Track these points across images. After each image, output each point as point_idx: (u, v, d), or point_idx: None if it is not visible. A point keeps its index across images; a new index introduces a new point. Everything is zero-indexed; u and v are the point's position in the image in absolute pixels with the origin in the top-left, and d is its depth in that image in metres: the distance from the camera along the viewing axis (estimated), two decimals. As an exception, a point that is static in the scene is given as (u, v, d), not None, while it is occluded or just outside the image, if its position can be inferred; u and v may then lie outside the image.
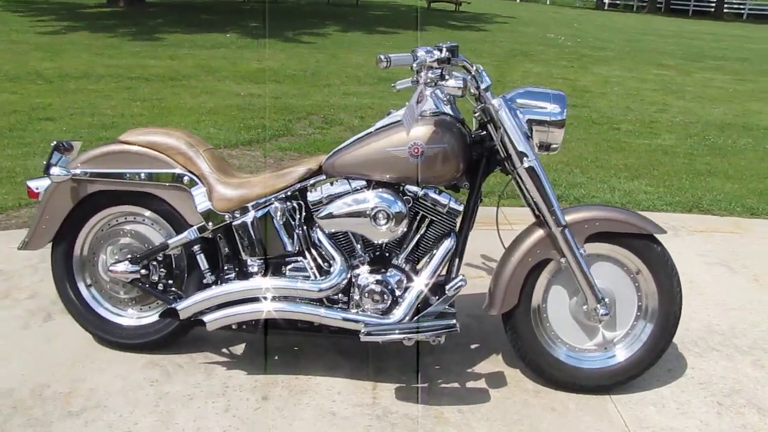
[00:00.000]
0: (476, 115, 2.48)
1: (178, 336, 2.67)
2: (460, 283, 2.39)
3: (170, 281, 2.61)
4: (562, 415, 2.47)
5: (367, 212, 2.33)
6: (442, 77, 2.28)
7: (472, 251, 2.75)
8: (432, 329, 2.36)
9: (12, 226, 3.94)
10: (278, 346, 2.79)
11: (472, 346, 2.89)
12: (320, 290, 2.40)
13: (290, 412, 2.39)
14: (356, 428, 2.33)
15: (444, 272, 2.48)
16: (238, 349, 2.78)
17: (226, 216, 2.47)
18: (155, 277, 2.60)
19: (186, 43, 11.91)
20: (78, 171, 2.51)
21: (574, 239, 2.42)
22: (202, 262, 2.52)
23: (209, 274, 2.53)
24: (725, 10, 37.48)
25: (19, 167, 4.92)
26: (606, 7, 39.10)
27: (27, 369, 2.56)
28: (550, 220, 2.41)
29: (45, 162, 2.60)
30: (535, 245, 2.47)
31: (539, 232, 2.48)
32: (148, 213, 2.60)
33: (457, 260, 2.48)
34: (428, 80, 2.24)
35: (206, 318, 2.44)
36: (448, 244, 2.45)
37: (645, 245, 2.51)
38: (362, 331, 2.35)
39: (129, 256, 2.59)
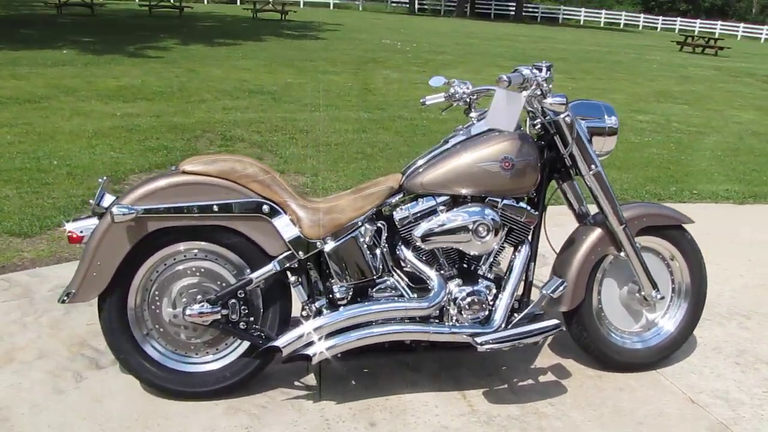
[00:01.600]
0: (536, 126, 2.62)
1: (254, 376, 2.52)
2: (562, 286, 2.52)
3: (251, 318, 2.46)
4: (632, 393, 2.71)
5: (470, 227, 2.39)
6: (543, 95, 2.40)
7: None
8: (541, 331, 2.47)
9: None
10: (348, 370, 2.73)
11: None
12: (428, 307, 2.41)
13: (404, 433, 2.38)
14: (474, 437, 2.38)
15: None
16: (309, 380, 2.68)
17: (318, 243, 2.39)
18: (235, 316, 2.43)
19: (22, 60, 10.76)
20: (141, 207, 2.28)
21: (632, 234, 2.66)
22: (300, 294, 2.41)
23: (307, 305, 2.42)
24: (523, 14, 41.11)
25: None
26: (417, 12, 41.18)
27: (98, 436, 2.29)
28: (613, 218, 2.63)
29: (92, 201, 2.34)
30: (596, 243, 2.68)
31: (597, 231, 2.69)
32: (216, 248, 2.42)
33: (533, 264, 2.61)
34: (533, 96, 2.35)
35: (311, 350, 2.34)
36: (525, 250, 2.57)
37: (678, 234, 2.83)
38: (477, 341, 2.40)
39: (203, 296, 2.40)
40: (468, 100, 2.72)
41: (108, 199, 2.35)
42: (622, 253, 2.69)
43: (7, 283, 3.38)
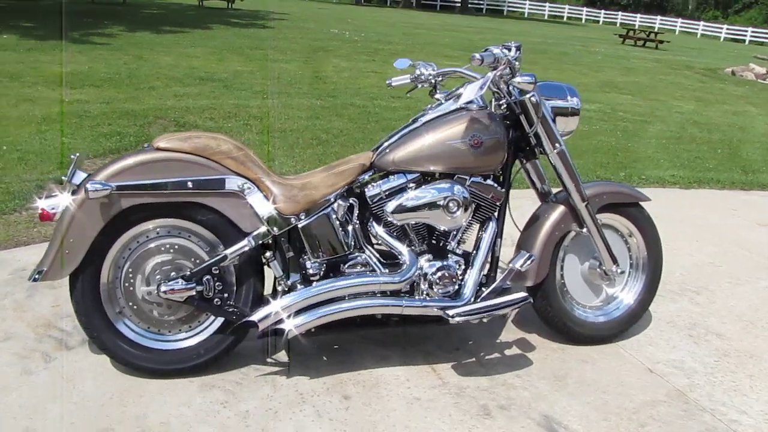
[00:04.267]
0: (502, 106, 2.70)
1: (228, 353, 2.53)
2: (530, 259, 2.61)
3: (225, 294, 2.47)
4: (595, 364, 2.83)
5: (440, 202, 2.45)
6: (512, 74, 2.47)
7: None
8: (510, 304, 2.55)
9: None
10: (320, 346, 2.77)
11: (484, 320, 3.12)
12: (399, 282, 2.46)
13: (379, 405, 2.43)
14: (447, 407, 2.45)
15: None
16: (281, 356, 2.71)
17: (292, 219, 2.41)
18: (210, 293, 2.43)
19: (-42, 45, 10.34)
20: (116, 184, 2.26)
21: (593, 212, 2.77)
22: (276, 268, 2.43)
23: (281, 280, 2.44)
24: (469, 5, 41.53)
25: None
26: (363, 2, 41.12)
27: (74, 416, 2.26)
28: (576, 195, 2.73)
29: (65, 178, 2.31)
30: (560, 220, 2.78)
31: (560, 208, 2.79)
32: (189, 225, 2.42)
33: (499, 240, 2.70)
34: (502, 75, 2.42)
35: (287, 325, 2.36)
36: (492, 226, 2.65)
37: (636, 212, 2.96)
38: (449, 314, 2.46)
39: (178, 273, 2.40)
40: (433, 81, 2.79)
41: (80, 176, 2.32)
42: (584, 230, 2.80)
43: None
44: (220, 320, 2.49)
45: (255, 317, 2.36)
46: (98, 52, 11.08)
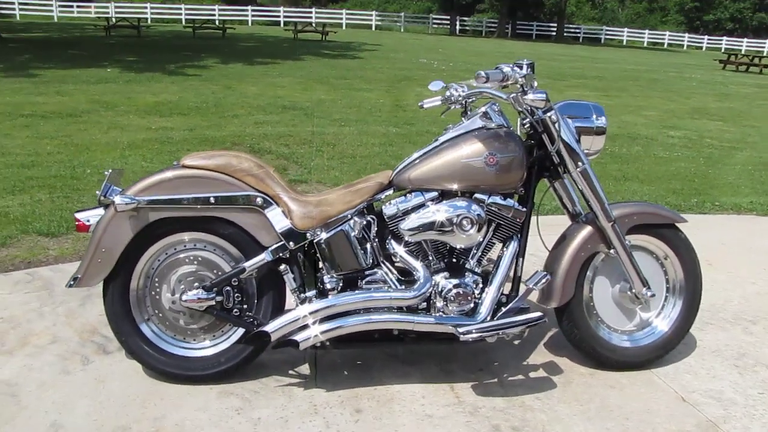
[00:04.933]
0: (526, 126, 2.69)
1: (248, 362, 2.63)
2: (545, 278, 2.57)
3: (245, 306, 2.58)
4: (622, 390, 2.72)
5: (454, 220, 2.46)
6: (523, 91, 2.48)
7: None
8: (524, 323, 2.52)
9: (-15, 273, 3.63)
10: (343, 361, 2.82)
11: (516, 342, 3.08)
12: (412, 297, 2.49)
13: (389, 420, 2.45)
14: (457, 426, 2.43)
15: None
16: (304, 369, 2.78)
17: (308, 234, 2.50)
18: (229, 303, 2.55)
19: (68, 78, 11.26)
20: (143, 198, 2.42)
21: (621, 232, 2.70)
22: (289, 281, 2.52)
23: (295, 293, 2.53)
24: (565, 34, 41.03)
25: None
26: (458, 33, 41.47)
27: (97, 414, 2.41)
28: (602, 215, 2.67)
29: (99, 192, 2.49)
30: (586, 241, 2.72)
31: (587, 229, 2.73)
32: (213, 238, 2.55)
33: (521, 260, 2.67)
34: (515, 93, 2.44)
35: (299, 337, 2.44)
36: (513, 245, 2.63)
37: (671, 233, 2.84)
38: (460, 331, 2.46)
39: (200, 283, 2.53)
40: (464, 102, 2.81)
41: (113, 191, 2.50)
42: (612, 251, 2.73)
43: (31, 276, 3.58)
44: (240, 330, 2.59)
45: (268, 328, 2.45)
46: (190, 82, 11.78)
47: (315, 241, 2.51)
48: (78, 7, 33.61)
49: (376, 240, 2.60)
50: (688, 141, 8.96)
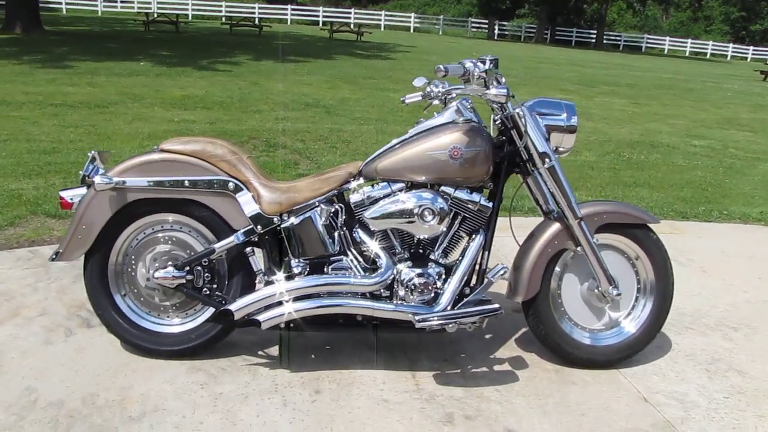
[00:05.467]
0: (497, 122, 2.74)
1: (218, 340, 2.73)
2: (501, 271, 2.62)
3: (214, 285, 2.68)
4: (584, 387, 2.75)
5: (415, 210, 2.53)
6: (486, 86, 2.53)
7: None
8: (479, 313, 2.58)
9: (-8, 249, 3.81)
10: (311, 346, 2.91)
11: (487, 336, 3.13)
12: (370, 284, 2.56)
13: (345, 401, 2.53)
14: (412, 411, 2.49)
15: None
16: (273, 350, 2.87)
17: (275, 219, 2.59)
18: (200, 282, 2.66)
19: (101, 70, 11.60)
20: (120, 179, 2.55)
21: (589, 230, 2.73)
22: (254, 263, 2.62)
23: (262, 275, 2.62)
24: (604, 41, 40.55)
25: (-26, 192, 4.72)
26: (496, 38, 41.30)
27: (70, 381, 2.54)
28: (569, 213, 2.70)
29: (81, 172, 2.62)
30: (553, 237, 2.75)
31: (556, 225, 2.76)
32: (187, 220, 2.66)
33: (486, 253, 2.72)
34: (477, 87, 2.49)
35: (261, 317, 2.53)
36: (479, 239, 2.68)
37: (643, 234, 2.86)
38: (416, 319, 2.53)
39: (172, 262, 2.64)
40: (444, 98, 2.87)
41: (96, 171, 2.63)
42: (579, 248, 2.76)
43: (32, 254, 3.75)
44: (211, 309, 2.70)
45: (232, 307, 2.55)
46: (219, 78, 12.01)
47: (282, 226, 2.60)
48: (122, 2, 34.46)
49: (345, 228, 2.67)
50: (710, 150, 8.83)
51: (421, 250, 2.71)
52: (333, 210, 2.64)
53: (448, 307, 2.60)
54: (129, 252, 2.68)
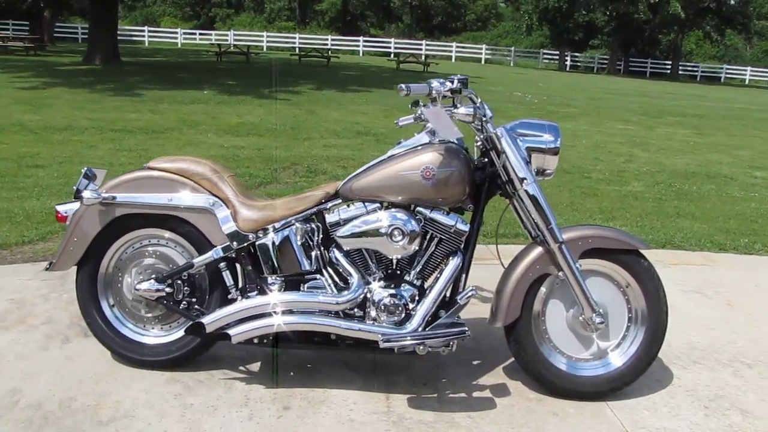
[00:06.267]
0: (478, 144, 2.73)
1: (198, 353, 2.79)
2: (470, 293, 2.59)
3: (193, 299, 2.76)
4: (564, 419, 2.65)
5: (384, 230, 2.54)
6: (454, 105, 2.53)
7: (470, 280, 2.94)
8: (445, 336, 2.54)
9: (18, 260, 4.04)
10: (293, 363, 2.93)
11: (474, 362, 3.07)
12: (338, 303, 2.58)
13: (311, 419, 2.53)
14: (374, 432, 2.47)
15: (452, 287, 2.68)
16: (255, 366, 2.91)
17: (250, 236, 2.65)
18: (179, 296, 2.74)
19: (165, 98, 12.16)
20: (107, 195, 2.67)
21: (570, 254, 2.65)
22: (227, 279, 2.68)
23: (233, 290, 2.68)
24: (680, 72, 39.42)
25: (16, 208, 5.02)
26: (568, 69, 40.81)
27: (53, 385, 2.66)
28: (549, 236, 2.64)
29: (75, 187, 2.76)
30: (534, 261, 2.69)
31: (538, 249, 2.70)
32: (171, 235, 2.76)
33: (464, 276, 2.69)
34: (446, 107, 2.50)
35: (231, 331, 2.58)
36: (455, 261, 2.66)
37: (633, 260, 2.76)
38: (381, 339, 2.52)
39: (154, 275, 2.73)
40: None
41: (89, 187, 2.77)
42: (561, 273, 2.69)
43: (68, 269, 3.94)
44: (189, 322, 2.77)
45: (204, 320, 2.61)
46: (277, 106, 12.37)
47: (257, 243, 2.65)
48: (200, 34, 36.10)
49: (321, 247, 2.70)
50: (772, 183, 8.40)
51: (398, 271, 2.70)
52: (309, 229, 2.68)
53: (420, 329, 2.58)
54: (117, 265, 2.80)
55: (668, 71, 40.49)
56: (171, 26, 43.52)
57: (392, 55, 36.73)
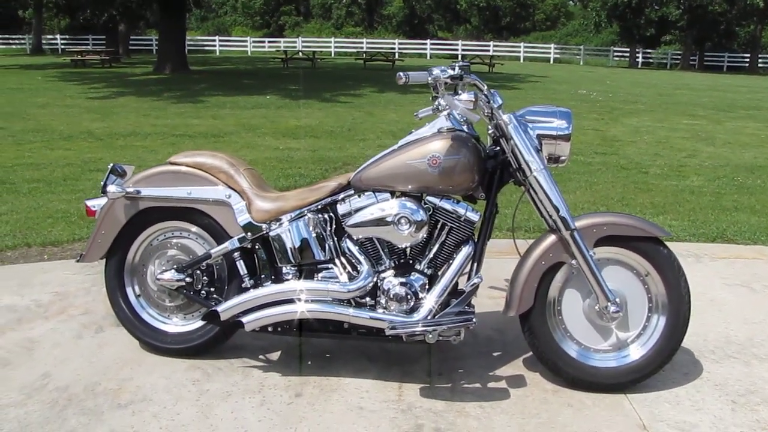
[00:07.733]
0: (490, 132, 2.71)
1: (219, 341, 2.88)
2: (477, 280, 2.57)
3: (212, 288, 2.85)
4: (579, 410, 2.59)
5: (391, 219, 2.55)
6: (455, 92, 2.53)
7: (492, 276, 2.89)
8: (451, 323, 2.53)
9: (67, 256, 4.27)
10: (311, 352, 2.99)
11: (494, 354, 3.04)
12: (349, 291, 2.61)
13: (321, 406, 2.57)
14: (382, 420, 2.49)
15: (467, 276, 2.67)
16: (274, 355, 2.98)
17: (263, 227, 2.72)
18: (198, 285, 2.84)
19: (228, 104, 12.54)
20: (131, 189, 2.79)
21: (584, 242, 2.60)
22: (242, 268, 2.76)
23: (248, 279, 2.76)
24: (760, 66, 37.56)
25: (72, 209, 5.30)
26: (639, 66, 39.55)
27: (81, 370, 2.80)
28: (560, 224, 2.60)
29: (102, 183, 2.90)
30: (547, 250, 2.65)
31: (552, 237, 2.66)
32: (193, 227, 2.86)
33: (475, 265, 2.67)
34: (444, 94, 2.50)
35: (245, 319, 2.66)
36: (466, 250, 2.64)
37: (652, 248, 2.67)
38: (388, 327, 2.54)
39: (175, 266, 2.84)
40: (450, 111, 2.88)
41: (116, 183, 2.91)
42: (574, 261, 2.63)
43: (98, 263, 4.13)
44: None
45: (219, 308, 2.69)
46: (336, 109, 12.55)
47: (269, 233, 2.72)
48: (269, 42, 36.98)
49: (334, 236, 2.74)
50: None
51: (410, 261, 2.71)
52: (321, 219, 2.72)
53: (428, 317, 2.58)
54: (142, 256, 2.92)
55: (747, 65, 38.59)
56: (241, 35, 44.76)
57: (459, 57, 36.56)
